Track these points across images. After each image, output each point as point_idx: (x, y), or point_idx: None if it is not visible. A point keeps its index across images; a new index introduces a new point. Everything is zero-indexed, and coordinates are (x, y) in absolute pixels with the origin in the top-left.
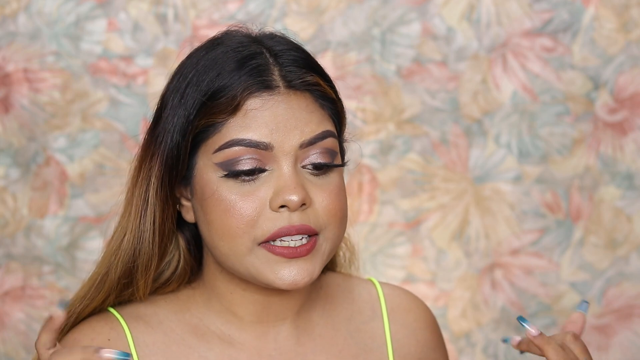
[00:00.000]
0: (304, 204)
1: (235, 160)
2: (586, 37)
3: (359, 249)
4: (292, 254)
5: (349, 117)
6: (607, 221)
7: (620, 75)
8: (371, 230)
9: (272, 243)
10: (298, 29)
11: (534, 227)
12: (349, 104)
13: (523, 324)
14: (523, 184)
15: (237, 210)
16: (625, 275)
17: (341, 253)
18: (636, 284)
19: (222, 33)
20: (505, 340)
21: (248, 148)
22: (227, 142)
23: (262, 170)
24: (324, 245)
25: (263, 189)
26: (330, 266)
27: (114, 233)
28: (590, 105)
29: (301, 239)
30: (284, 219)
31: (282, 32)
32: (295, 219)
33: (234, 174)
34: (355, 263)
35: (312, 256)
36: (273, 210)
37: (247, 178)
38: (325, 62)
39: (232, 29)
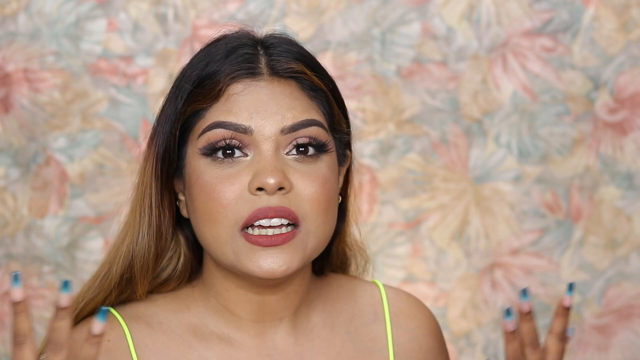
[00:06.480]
0: (282, 188)
1: (216, 143)
2: (586, 37)
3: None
4: (268, 242)
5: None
6: (607, 221)
7: (620, 75)
8: (371, 230)
9: (251, 232)
10: (298, 29)
11: (534, 227)
12: (349, 104)
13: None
14: (523, 184)
15: (217, 194)
16: (625, 275)
17: (354, 262)
18: (636, 284)
19: (225, 32)
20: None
21: (229, 131)
22: (209, 125)
23: (243, 154)
24: (305, 238)
25: (243, 174)
26: (341, 273)
27: (120, 230)
28: (590, 105)
29: (280, 227)
30: (262, 202)
31: (282, 31)
32: (274, 201)
33: (212, 151)
34: (367, 271)
35: (290, 246)
36: (252, 194)
37: (227, 160)
38: (326, 62)
39: (242, 29)
